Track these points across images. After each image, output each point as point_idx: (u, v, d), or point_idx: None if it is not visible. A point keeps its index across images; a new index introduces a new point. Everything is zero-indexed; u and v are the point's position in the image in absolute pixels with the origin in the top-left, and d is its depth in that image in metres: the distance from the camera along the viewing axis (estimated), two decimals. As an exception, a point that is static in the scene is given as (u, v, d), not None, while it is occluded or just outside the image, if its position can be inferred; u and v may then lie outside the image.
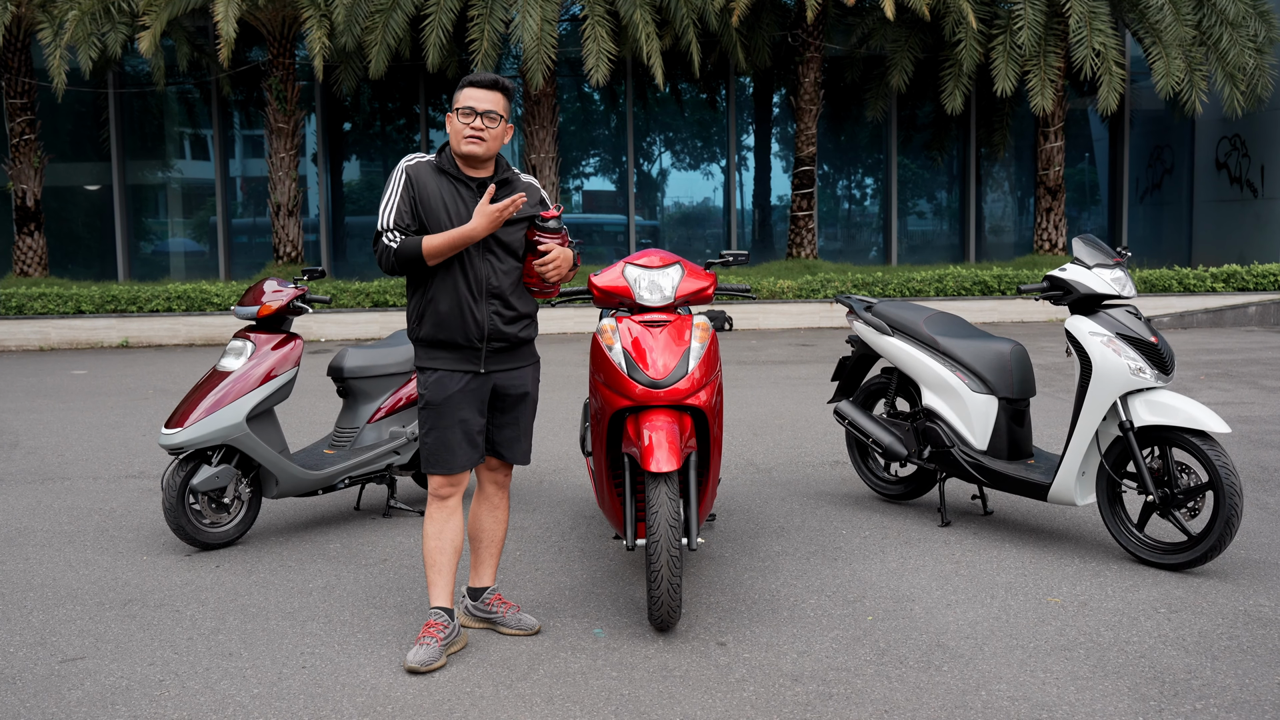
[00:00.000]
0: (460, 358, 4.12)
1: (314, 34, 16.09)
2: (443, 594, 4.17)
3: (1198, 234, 22.58)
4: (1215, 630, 4.23)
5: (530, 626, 4.34)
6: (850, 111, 22.02)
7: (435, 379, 4.12)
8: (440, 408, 4.11)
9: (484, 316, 4.09)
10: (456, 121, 4.05)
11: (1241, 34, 17.79)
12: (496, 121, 4.05)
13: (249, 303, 5.74)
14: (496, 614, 4.37)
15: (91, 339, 16.23)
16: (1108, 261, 5.17)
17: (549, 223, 4.11)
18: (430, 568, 4.19)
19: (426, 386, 4.14)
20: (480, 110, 4.02)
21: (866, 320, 6.03)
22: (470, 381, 4.13)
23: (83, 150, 21.43)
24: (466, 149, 4.05)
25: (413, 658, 4.00)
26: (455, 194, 4.09)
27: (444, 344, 4.11)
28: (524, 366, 4.28)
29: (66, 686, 3.93)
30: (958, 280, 17.34)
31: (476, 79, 4.07)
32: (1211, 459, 4.73)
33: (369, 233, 23.09)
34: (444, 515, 4.18)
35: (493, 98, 4.05)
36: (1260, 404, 9.02)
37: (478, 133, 4.03)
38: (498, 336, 4.13)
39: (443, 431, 4.11)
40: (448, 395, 4.11)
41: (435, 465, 4.14)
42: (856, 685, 3.81)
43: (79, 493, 6.79)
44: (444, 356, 4.12)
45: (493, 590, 4.42)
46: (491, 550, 4.41)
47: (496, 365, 4.17)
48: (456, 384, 4.11)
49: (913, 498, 6.17)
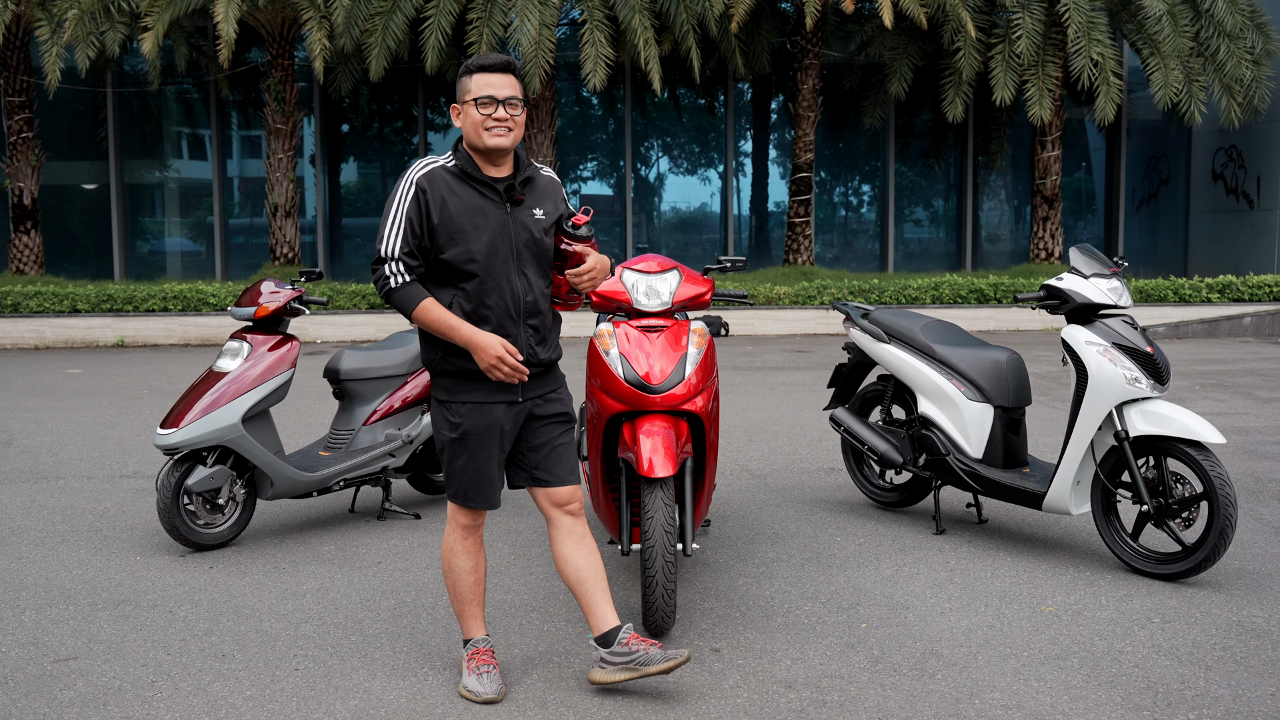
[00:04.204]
0: (496, 388, 3.67)
1: (314, 35, 16.10)
2: (480, 625, 3.91)
3: (1194, 244, 22.63)
4: (1209, 641, 4.23)
5: (680, 654, 3.72)
6: (848, 119, 22.05)
7: (470, 409, 3.68)
8: (481, 438, 3.69)
9: (522, 340, 3.67)
10: (474, 113, 3.59)
11: (1239, 46, 17.84)
12: (518, 108, 3.61)
13: (246, 303, 5.73)
14: (638, 653, 3.73)
15: (87, 338, 16.20)
16: (1104, 271, 5.18)
17: (580, 229, 3.71)
18: (468, 604, 3.87)
19: (461, 416, 3.68)
20: (501, 98, 3.57)
21: (863, 327, 6.03)
22: (508, 410, 3.72)
23: (80, 149, 21.42)
24: (493, 142, 3.59)
25: (483, 688, 3.75)
26: (478, 199, 3.63)
27: (477, 375, 3.65)
28: (559, 387, 3.89)
29: (58, 687, 3.92)
30: (954, 288, 17.37)
31: (485, 62, 3.63)
32: (1206, 469, 4.73)
33: (367, 234, 23.11)
34: (476, 546, 3.86)
35: (509, 81, 3.62)
36: (1255, 415, 9.04)
37: (502, 123, 3.59)
38: (534, 360, 3.72)
39: (482, 464, 3.71)
40: (488, 425, 3.68)
41: (475, 500, 3.75)
42: (850, 692, 3.81)
43: (73, 492, 6.78)
44: (479, 389, 3.67)
45: (627, 629, 3.81)
46: (601, 585, 3.84)
47: (533, 392, 3.77)
48: (496, 414, 3.70)
49: (908, 505, 6.17)
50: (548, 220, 3.73)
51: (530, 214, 3.70)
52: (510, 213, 3.66)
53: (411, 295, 3.57)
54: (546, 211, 3.74)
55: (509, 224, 3.65)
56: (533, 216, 3.70)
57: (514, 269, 3.65)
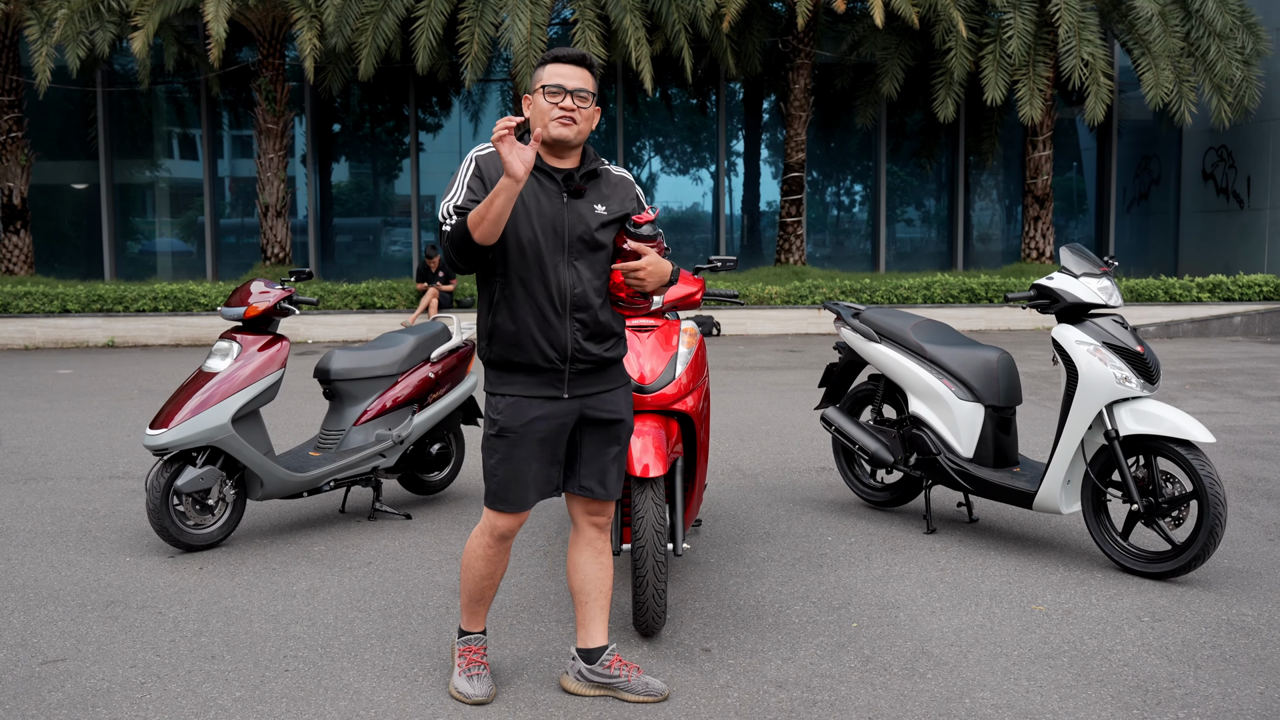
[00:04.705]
0: (540, 382, 3.57)
1: (304, 35, 16.08)
2: (482, 620, 3.85)
3: (1184, 244, 22.69)
4: (1198, 639, 4.24)
5: (659, 692, 3.76)
6: (840, 118, 22.08)
7: (510, 403, 3.57)
8: (518, 435, 3.56)
9: (566, 333, 3.55)
10: (541, 101, 3.50)
11: (1229, 46, 17.89)
12: (588, 101, 3.52)
13: (236, 303, 5.72)
14: (619, 678, 3.76)
15: (77, 338, 16.16)
16: (1094, 271, 5.19)
17: (643, 228, 3.58)
18: (475, 600, 3.80)
19: (499, 411, 3.59)
20: (570, 88, 3.48)
21: (854, 327, 6.03)
22: (552, 407, 3.59)
23: (70, 149, 21.36)
24: (557, 132, 3.48)
25: (474, 690, 3.73)
26: (535, 187, 3.54)
27: (520, 366, 3.57)
28: (615, 389, 3.71)
29: (47, 688, 3.90)
30: (945, 288, 17.39)
31: (561, 54, 3.54)
32: (1196, 468, 4.74)
33: (359, 234, 23.09)
34: (500, 555, 3.72)
35: (581, 74, 3.52)
36: (1245, 414, 9.06)
37: (568, 113, 3.48)
38: (582, 356, 3.58)
39: (517, 464, 3.59)
40: (528, 421, 3.56)
41: (506, 502, 3.62)
42: (841, 692, 3.81)
43: (62, 493, 6.75)
44: (521, 381, 3.58)
45: (611, 650, 3.82)
46: (602, 603, 3.84)
47: (582, 389, 3.62)
48: (536, 409, 3.57)
49: (898, 505, 6.17)
50: (609, 216, 3.60)
51: (590, 208, 3.58)
52: (566, 203, 3.55)
53: (459, 222, 3.43)
54: (610, 208, 3.61)
55: (563, 214, 3.54)
56: (592, 210, 3.58)
57: (564, 260, 3.53)
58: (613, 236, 3.62)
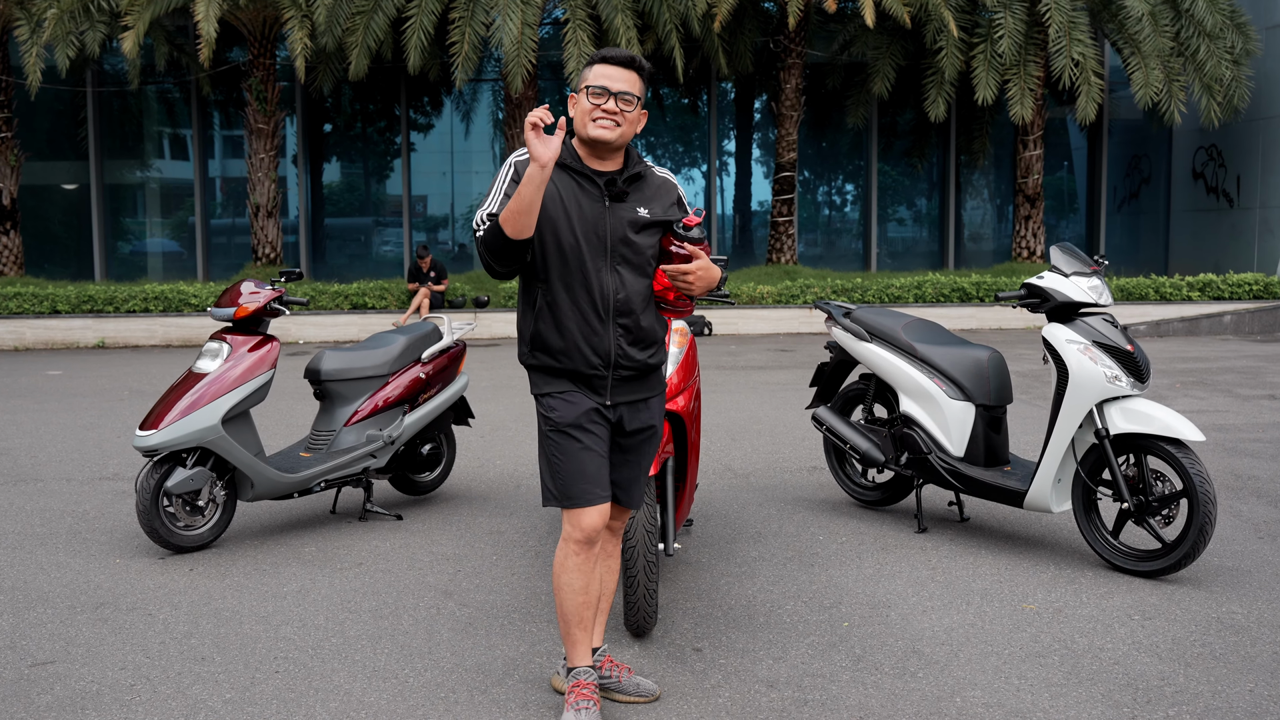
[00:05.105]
0: (585, 390, 3.51)
1: (295, 34, 16.05)
2: (587, 652, 3.63)
3: (1174, 243, 22.75)
4: (1188, 637, 4.25)
5: (650, 692, 3.77)
6: (831, 118, 22.09)
7: (561, 399, 3.48)
8: (573, 429, 3.46)
9: (610, 339, 3.46)
10: (584, 101, 3.42)
11: (1219, 45, 17.94)
12: (632, 104, 3.42)
13: (226, 304, 5.70)
14: (610, 679, 3.76)
15: (67, 339, 16.12)
16: (1085, 270, 5.20)
17: (691, 231, 3.50)
18: (574, 626, 3.58)
19: (553, 409, 3.48)
20: (614, 90, 3.39)
21: (845, 326, 6.04)
22: (598, 412, 3.52)
23: (60, 149, 21.29)
24: (596, 133, 3.40)
25: None
26: (576, 190, 3.45)
27: (563, 372, 3.50)
28: (652, 397, 3.65)
29: (36, 691, 3.89)
30: (936, 287, 17.41)
31: (609, 55, 3.44)
32: (1186, 467, 4.75)
33: (350, 234, 23.05)
34: (589, 565, 3.53)
35: (628, 77, 3.43)
36: (1235, 412, 9.09)
37: (610, 116, 3.40)
38: (625, 362, 3.50)
39: (579, 459, 3.45)
40: (585, 410, 3.47)
41: (575, 498, 3.46)
42: (832, 691, 3.81)
43: (52, 494, 6.73)
44: (565, 385, 3.51)
45: (603, 652, 3.81)
46: (603, 605, 3.82)
47: (623, 396, 3.54)
48: (589, 401, 3.49)
49: (890, 504, 6.18)
50: (652, 219, 3.51)
51: (633, 211, 3.49)
52: (608, 207, 3.46)
53: (492, 221, 3.35)
54: (653, 212, 3.52)
55: (605, 218, 3.45)
56: (635, 213, 3.49)
57: (606, 265, 3.45)
58: (656, 240, 3.54)
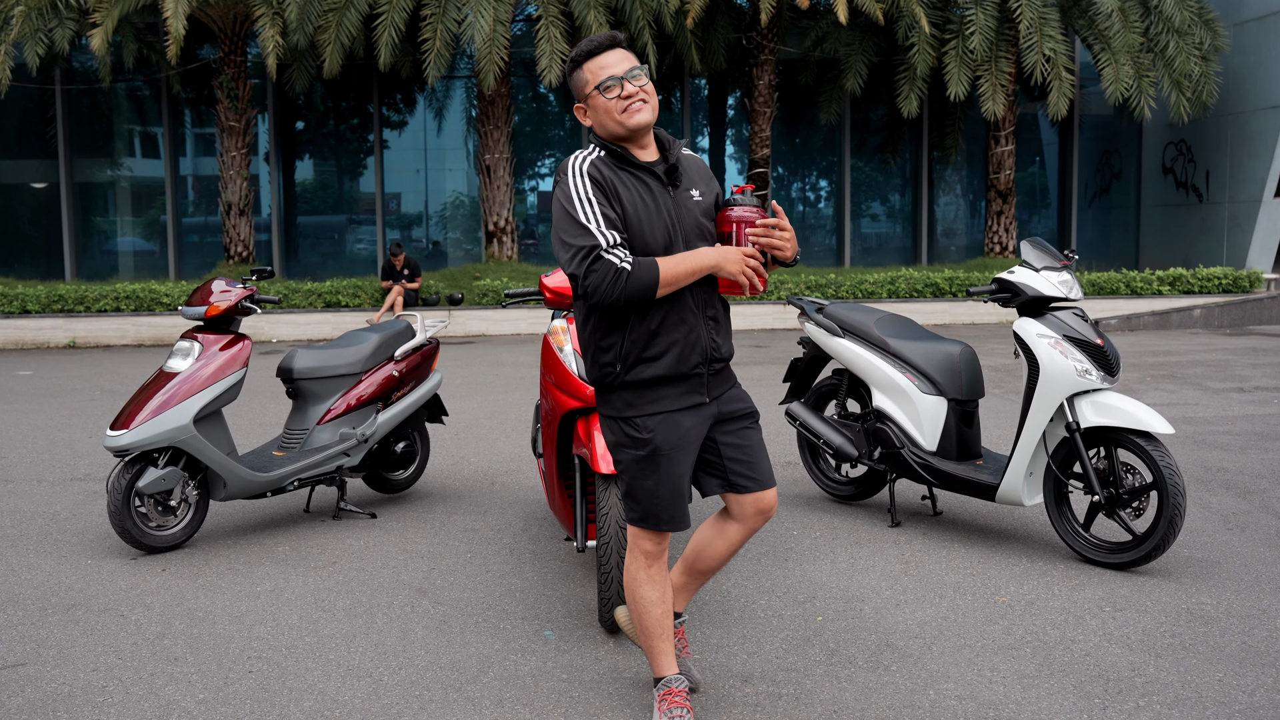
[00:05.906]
0: (684, 391, 3.32)
1: (266, 32, 15.96)
2: (673, 660, 3.52)
3: (1145, 238, 22.93)
4: (1158, 628, 4.29)
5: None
6: (804, 114, 22.15)
7: (661, 420, 3.30)
8: (675, 453, 3.31)
9: (704, 334, 3.32)
10: (601, 101, 3.24)
11: (1188, 42, 18.09)
12: (642, 77, 3.27)
13: (197, 303, 5.67)
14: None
15: (38, 339, 15.97)
16: (1055, 264, 5.23)
17: (746, 196, 3.33)
18: (658, 638, 3.48)
19: (651, 430, 3.29)
20: (622, 74, 3.23)
21: (818, 322, 6.06)
22: (698, 414, 3.37)
23: (29, 147, 21.10)
24: (636, 120, 3.22)
25: None
26: (644, 190, 3.27)
27: (663, 380, 3.29)
28: (736, 385, 3.53)
29: (6, 694, 3.86)
30: (909, 282, 17.49)
31: (593, 47, 3.28)
32: (1156, 459, 4.79)
33: (323, 232, 22.93)
34: (662, 573, 3.46)
35: (621, 54, 3.27)
36: (1204, 405, 9.17)
37: (635, 97, 3.23)
38: (717, 355, 3.37)
39: (676, 481, 3.33)
40: (681, 436, 3.32)
41: (666, 522, 3.36)
42: (806, 685, 3.83)
43: (22, 495, 6.68)
44: (667, 395, 3.31)
45: (681, 620, 3.79)
46: (705, 580, 3.73)
47: (718, 389, 3.42)
48: (689, 419, 3.34)
49: (863, 498, 6.20)
50: (705, 201, 3.38)
51: (690, 196, 3.35)
52: (674, 196, 3.31)
53: (648, 269, 3.14)
54: (702, 192, 3.39)
55: (676, 210, 3.30)
56: (692, 198, 3.35)
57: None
58: (713, 220, 3.38)
